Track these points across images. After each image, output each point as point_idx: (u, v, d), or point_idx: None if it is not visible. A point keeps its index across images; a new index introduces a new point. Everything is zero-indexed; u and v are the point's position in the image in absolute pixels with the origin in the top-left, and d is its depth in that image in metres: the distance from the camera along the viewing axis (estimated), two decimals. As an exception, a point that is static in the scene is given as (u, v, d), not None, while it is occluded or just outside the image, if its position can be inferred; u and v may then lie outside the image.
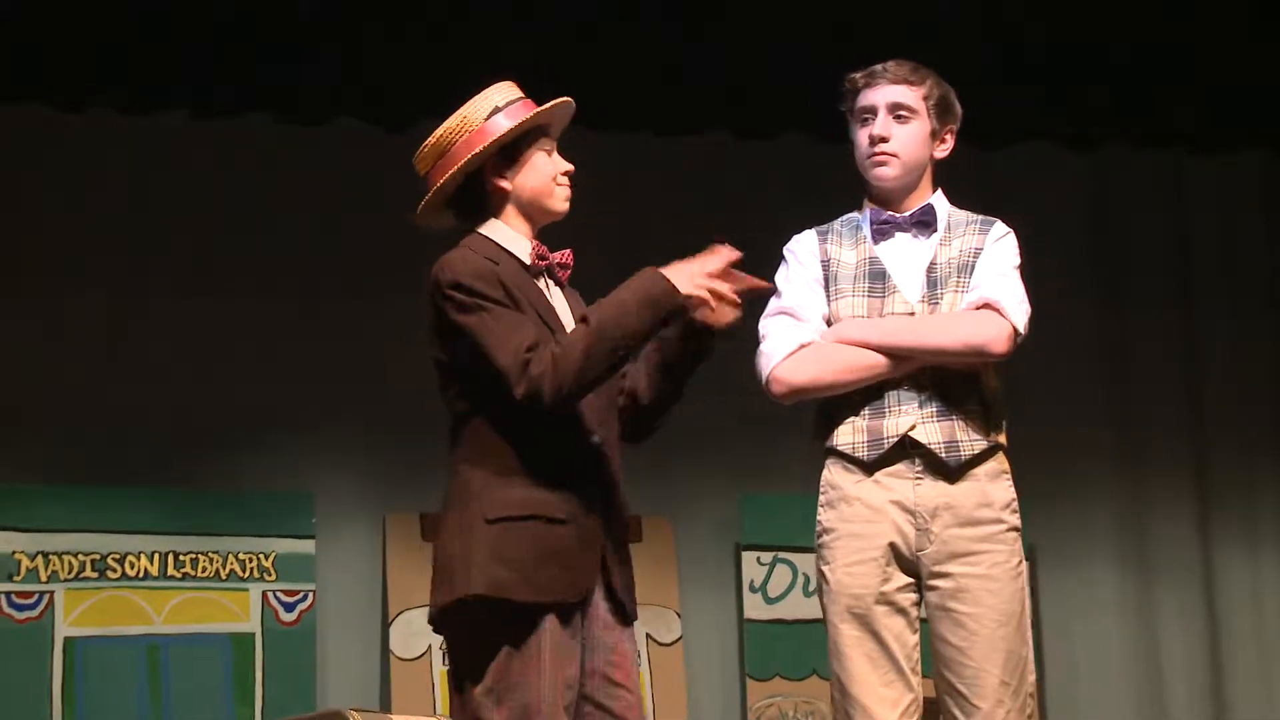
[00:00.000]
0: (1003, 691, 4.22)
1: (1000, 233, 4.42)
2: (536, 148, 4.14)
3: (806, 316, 4.40)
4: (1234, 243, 8.36)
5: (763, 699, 7.54)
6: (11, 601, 7.00)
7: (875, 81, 4.40)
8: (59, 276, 7.30)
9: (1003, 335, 4.27)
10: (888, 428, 4.28)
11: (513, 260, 4.07)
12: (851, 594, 4.28)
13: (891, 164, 4.39)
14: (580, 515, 4.00)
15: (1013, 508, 4.33)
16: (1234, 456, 8.16)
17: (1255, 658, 8.05)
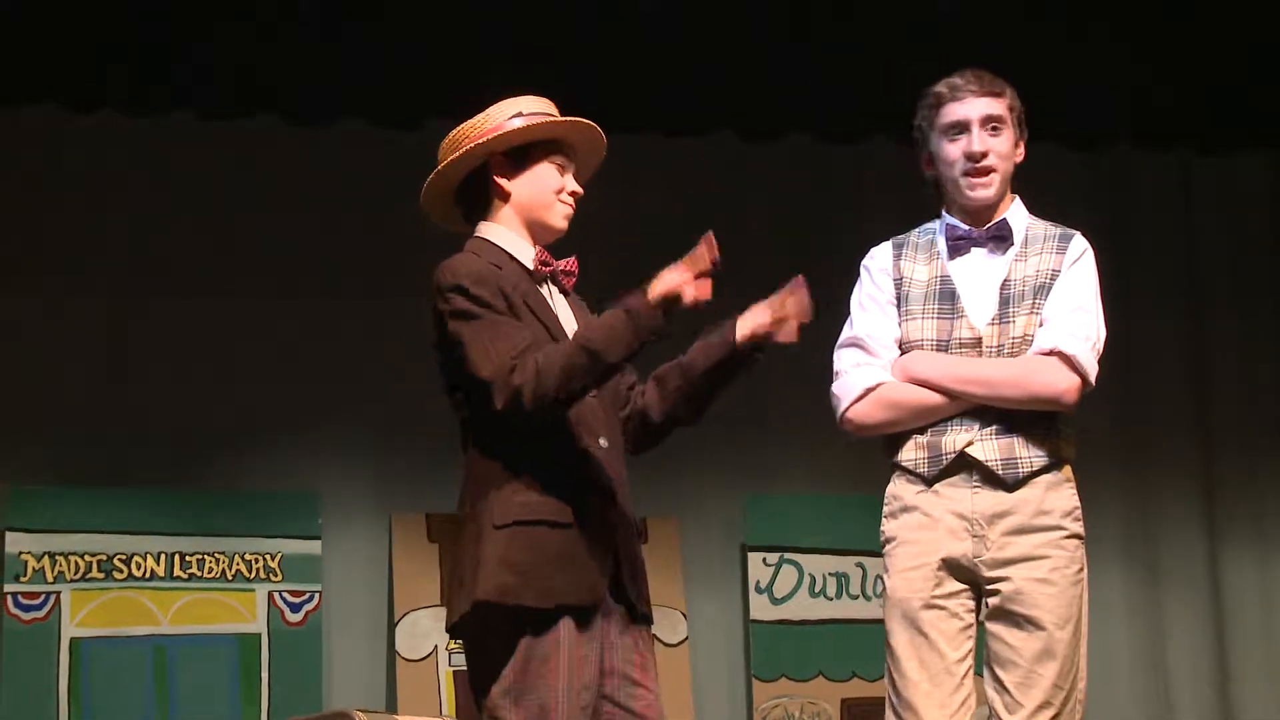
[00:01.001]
0: (1054, 694, 4.23)
1: (1077, 252, 4.40)
2: (548, 160, 4.14)
3: (876, 349, 4.42)
4: (1241, 244, 8.34)
5: (768, 700, 7.53)
6: (18, 602, 7.01)
7: (963, 94, 4.37)
8: (65, 277, 7.30)
9: (1072, 388, 4.29)
10: (946, 444, 4.32)
11: (516, 265, 4.08)
12: (903, 598, 4.31)
13: (991, 181, 4.37)
14: (587, 519, 3.99)
15: (1075, 515, 4.33)
16: (1241, 458, 8.15)
17: (1262, 659, 8.04)
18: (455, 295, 3.96)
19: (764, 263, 7.66)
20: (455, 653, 7.23)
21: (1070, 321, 4.32)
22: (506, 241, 4.11)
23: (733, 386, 4.21)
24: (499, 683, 3.90)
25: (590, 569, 3.97)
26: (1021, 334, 4.33)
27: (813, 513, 7.64)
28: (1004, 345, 4.33)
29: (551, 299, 4.12)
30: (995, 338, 4.34)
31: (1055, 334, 4.31)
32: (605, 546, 4.02)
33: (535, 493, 3.94)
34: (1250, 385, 8.22)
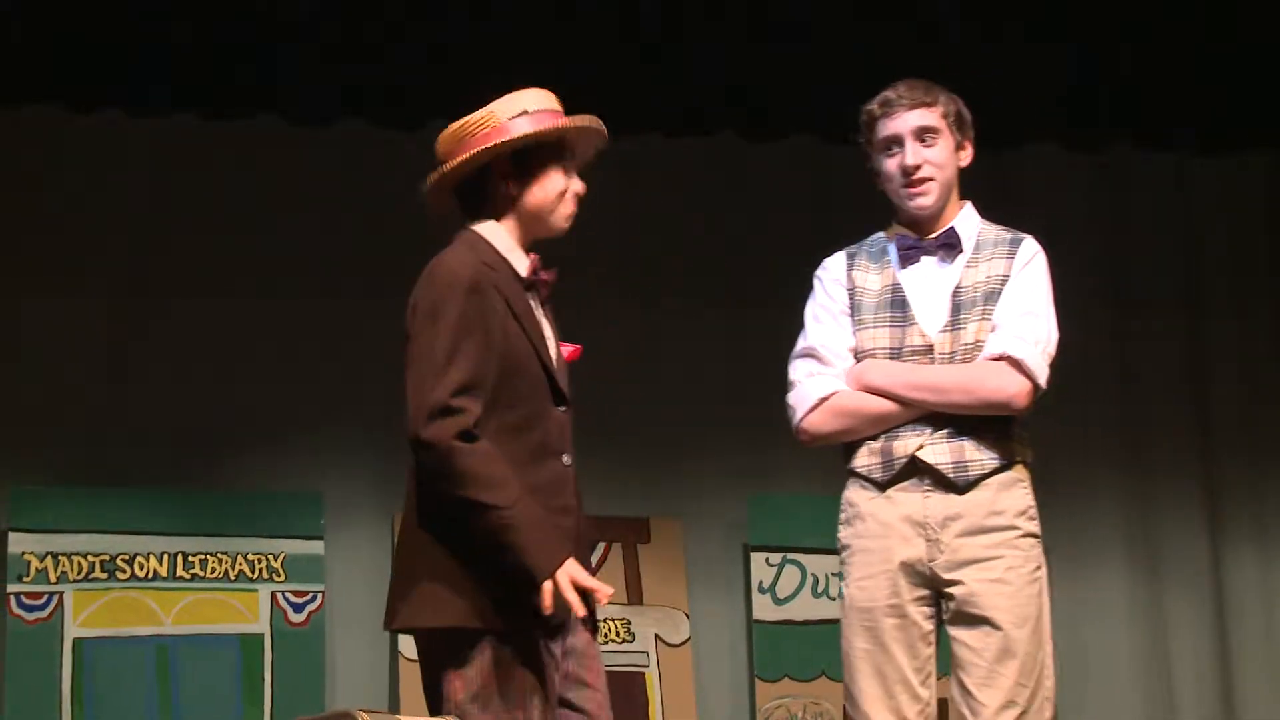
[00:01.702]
0: (1017, 693, 4.26)
1: (1028, 256, 4.45)
2: (553, 162, 4.11)
3: (830, 358, 4.47)
4: (1241, 244, 8.34)
5: (771, 700, 7.54)
6: (21, 602, 7.00)
7: (894, 110, 4.42)
8: (68, 278, 7.31)
9: (1022, 392, 4.34)
10: (897, 449, 4.37)
11: (509, 269, 4.07)
12: (861, 607, 4.36)
13: (929, 190, 4.42)
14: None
15: (1029, 514, 4.37)
16: (1242, 458, 8.15)
17: (1265, 659, 8.03)
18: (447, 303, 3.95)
19: (764, 263, 7.72)
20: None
21: (1020, 326, 4.37)
22: (503, 244, 4.10)
23: None
24: (467, 688, 3.91)
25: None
26: (973, 340, 4.37)
27: (815, 513, 7.59)
28: (956, 352, 4.38)
29: (536, 307, 4.13)
30: (947, 344, 4.38)
31: (1005, 339, 4.35)
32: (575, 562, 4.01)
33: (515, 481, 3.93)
34: (1251, 385, 8.22)
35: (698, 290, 7.79)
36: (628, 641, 7.49)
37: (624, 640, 7.49)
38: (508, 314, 4.00)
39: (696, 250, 7.80)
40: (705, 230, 7.84)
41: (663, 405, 7.65)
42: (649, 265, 7.76)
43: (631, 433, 7.64)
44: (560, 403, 4.10)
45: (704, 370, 7.74)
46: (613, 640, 7.46)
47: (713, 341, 7.75)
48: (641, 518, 7.66)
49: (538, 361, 4.05)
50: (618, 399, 7.62)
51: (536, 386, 4.04)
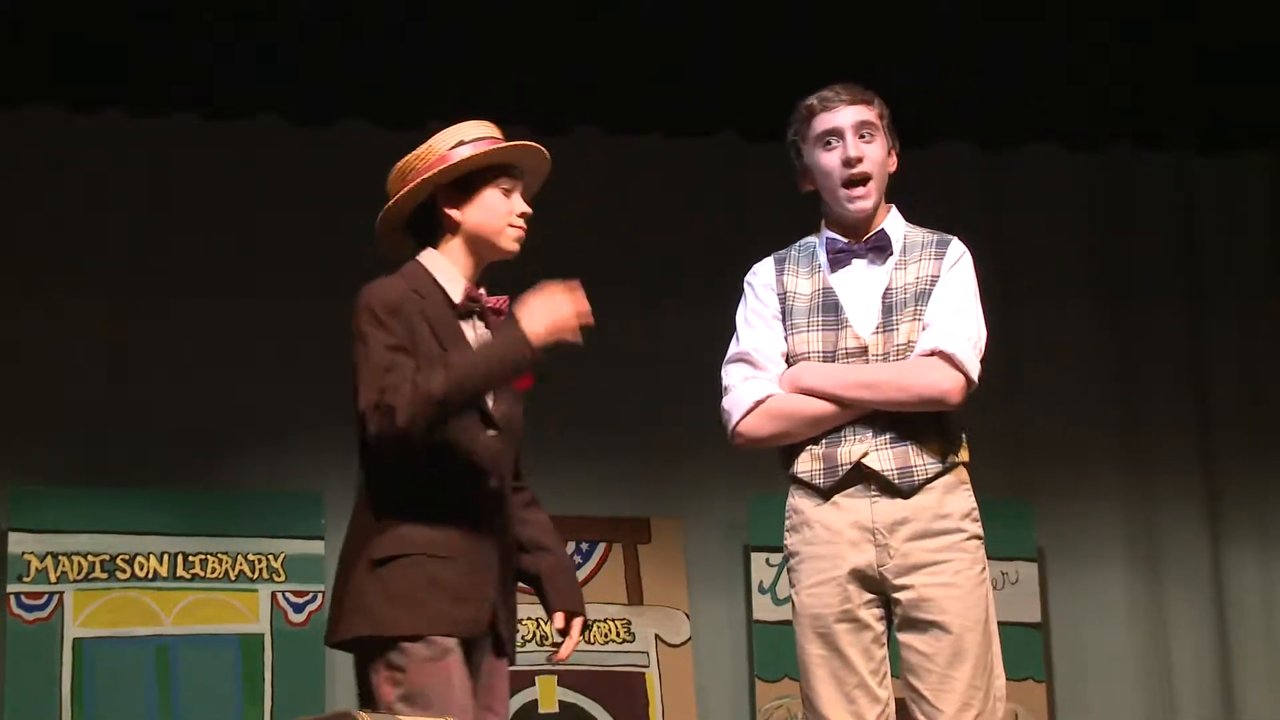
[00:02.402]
0: (971, 695, 4.27)
1: (955, 256, 4.45)
2: (494, 185, 4.20)
3: (764, 362, 4.47)
4: (1240, 243, 8.34)
5: (771, 700, 7.53)
6: (21, 602, 7.00)
7: (833, 104, 4.42)
8: (68, 277, 7.31)
9: (956, 387, 4.33)
10: (842, 455, 4.35)
11: (442, 296, 4.16)
12: (813, 614, 4.34)
13: (869, 192, 4.42)
14: (469, 554, 4.05)
15: (973, 516, 4.38)
16: (1242, 457, 8.15)
17: (1266, 659, 8.03)
18: (366, 322, 4.09)
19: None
20: (456, 653, 7.25)
21: (951, 322, 4.37)
22: (441, 271, 4.20)
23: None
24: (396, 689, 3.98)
25: (469, 600, 4.04)
26: (905, 341, 4.38)
27: (815, 513, 7.63)
28: (889, 353, 4.38)
29: (475, 335, 4.19)
30: (880, 346, 4.38)
31: (936, 335, 4.35)
32: (485, 583, 4.07)
33: (421, 526, 4.02)
34: (1251, 384, 8.22)
35: (698, 290, 7.78)
36: (628, 641, 7.49)
37: (624, 640, 7.49)
38: (431, 339, 4.08)
39: (696, 250, 7.80)
40: (705, 230, 7.84)
41: (663, 405, 7.66)
42: (649, 265, 7.76)
43: (632, 433, 7.65)
44: (490, 427, 4.15)
45: (704, 370, 7.72)
46: (613, 640, 7.47)
47: (713, 341, 7.72)
48: (642, 518, 7.67)
49: None
50: (618, 399, 7.63)
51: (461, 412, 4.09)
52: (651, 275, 7.78)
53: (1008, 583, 7.74)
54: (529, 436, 7.39)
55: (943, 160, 7.74)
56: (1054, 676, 7.80)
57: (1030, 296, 7.97)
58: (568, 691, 7.39)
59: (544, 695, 7.36)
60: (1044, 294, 8.06)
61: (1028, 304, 7.93)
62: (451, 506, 4.05)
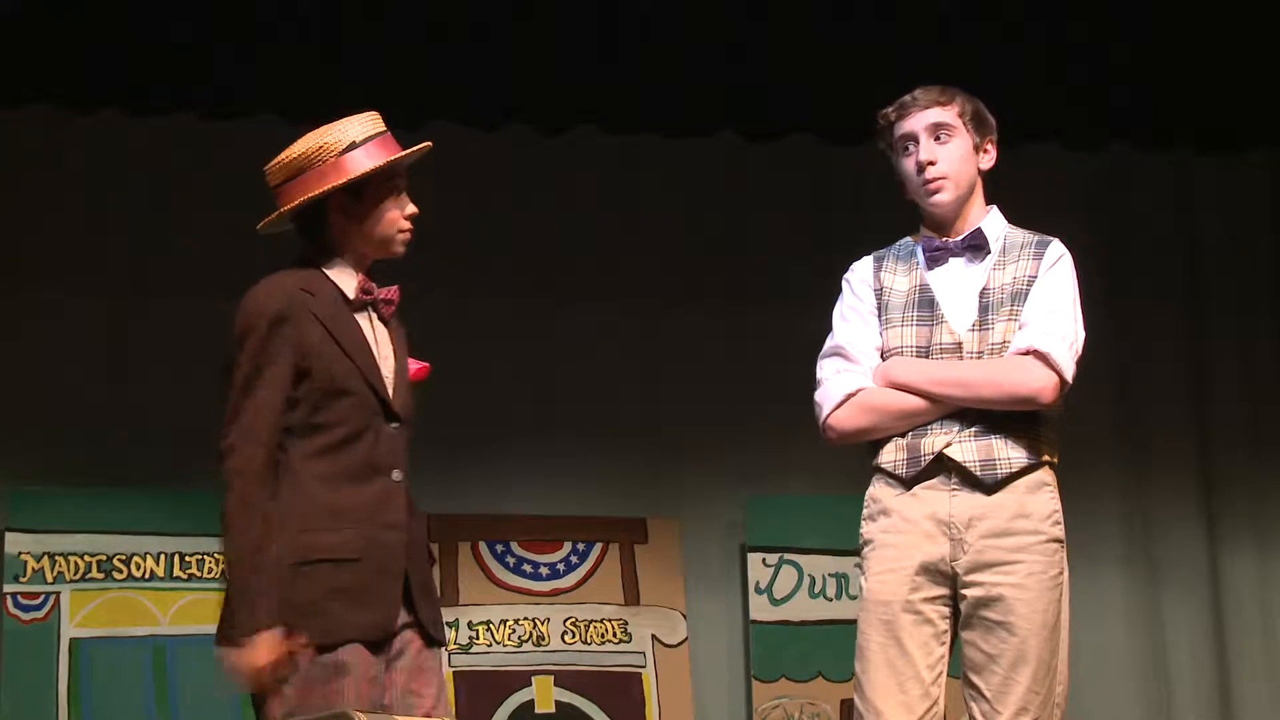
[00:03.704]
0: (1029, 700, 4.26)
1: (1054, 257, 4.44)
2: (388, 189, 4.17)
3: (857, 356, 4.46)
4: (1241, 243, 8.34)
5: (768, 700, 7.53)
6: (18, 602, 7.00)
7: (908, 110, 4.45)
8: (65, 277, 7.30)
9: (1049, 386, 4.33)
10: (925, 445, 4.35)
11: (334, 291, 4.15)
12: (880, 600, 4.33)
13: (945, 187, 4.43)
14: (376, 554, 4.02)
15: (1054, 519, 4.38)
16: (1240, 458, 8.14)
17: (1262, 660, 8.02)
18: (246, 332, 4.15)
19: (763, 263, 7.73)
20: (454, 653, 7.24)
21: (1047, 322, 4.36)
22: (334, 269, 4.19)
23: None
24: (281, 704, 3.94)
25: (375, 605, 4.00)
26: (1001, 340, 4.37)
27: (813, 513, 7.64)
28: (984, 351, 4.37)
29: (372, 326, 4.17)
30: (975, 344, 4.38)
31: (1032, 334, 4.35)
32: (394, 578, 4.03)
33: (321, 531, 3.99)
34: (1250, 384, 8.21)
35: (695, 290, 7.79)
36: (624, 642, 7.49)
37: (621, 640, 7.49)
38: (325, 338, 4.06)
39: (695, 250, 7.80)
40: (704, 230, 7.84)
41: (660, 405, 7.66)
42: (647, 265, 7.76)
43: (629, 433, 7.65)
44: (392, 420, 4.11)
45: (702, 370, 7.74)
46: (610, 640, 7.47)
47: (711, 342, 7.75)
48: (639, 518, 7.66)
49: (362, 381, 4.07)
50: (616, 399, 7.63)
51: (360, 406, 4.07)
52: (649, 276, 7.78)
53: (1005, 583, 7.73)
54: (528, 436, 7.45)
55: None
56: (1051, 677, 7.80)
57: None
58: (564, 692, 7.38)
59: (540, 695, 7.36)
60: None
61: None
62: (354, 505, 4.01)
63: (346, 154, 4.16)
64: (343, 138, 4.18)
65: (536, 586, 7.46)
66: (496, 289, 7.57)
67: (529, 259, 7.65)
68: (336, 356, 4.06)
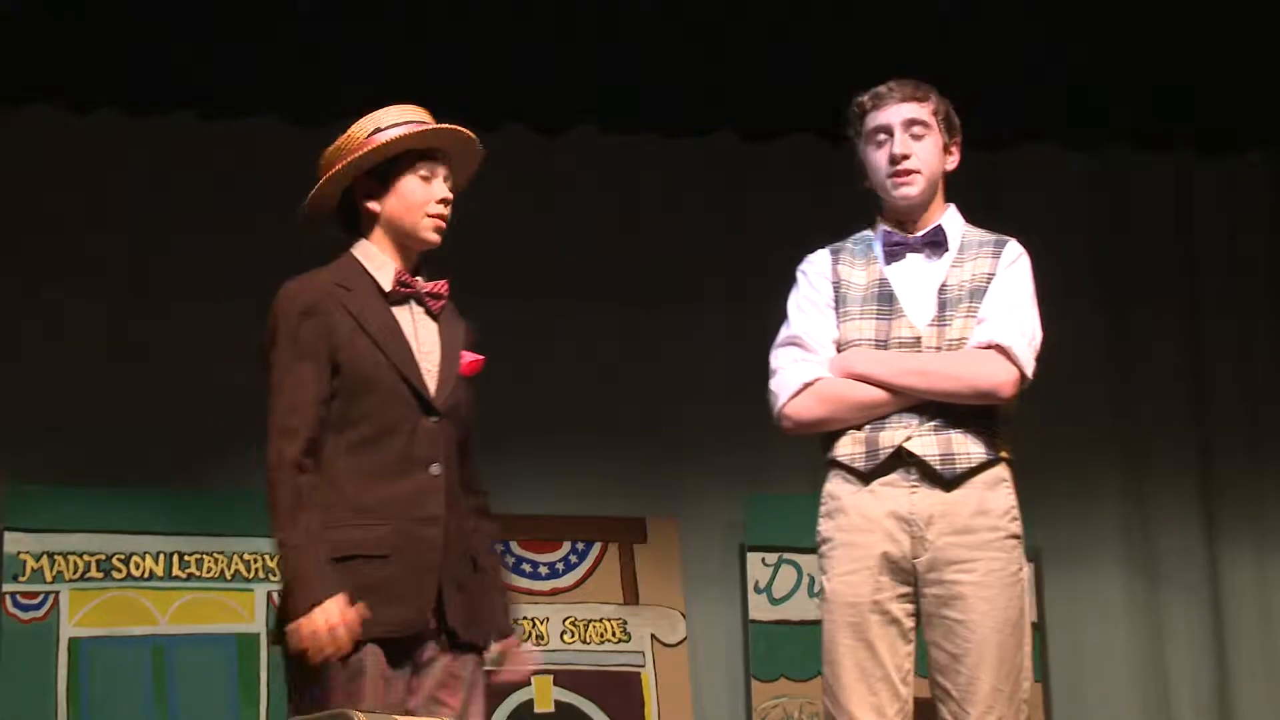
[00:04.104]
0: (995, 698, 4.26)
1: (1012, 256, 4.46)
2: (412, 172, 4.15)
3: (815, 346, 4.46)
4: (1240, 244, 8.34)
5: (768, 700, 7.54)
6: (17, 602, 7.01)
7: (884, 102, 4.45)
8: (65, 277, 7.31)
9: (1010, 380, 4.34)
10: (884, 439, 4.34)
11: (371, 284, 4.12)
12: (846, 602, 4.33)
13: (915, 181, 4.44)
14: (408, 548, 4.00)
15: (1012, 515, 4.37)
16: (1240, 459, 8.15)
17: (1262, 662, 8.03)
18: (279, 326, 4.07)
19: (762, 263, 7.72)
20: (453, 654, 7.25)
21: (1007, 318, 4.38)
22: (372, 260, 4.15)
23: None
24: (305, 701, 3.94)
25: (405, 601, 3.99)
26: (959, 335, 4.38)
27: (812, 513, 7.60)
28: (941, 346, 4.39)
29: (413, 319, 4.15)
30: (933, 339, 4.39)
31: (992, 329, 4.36)
32: (425, 577, 4.01)
33: (351, 528, 3.97)
34: (1249, 385, 8.22)
35: (694, 290, 7.79)
36: (624, 641, 7.49)
37: (620, 640, 7.49)
38: (356, 331, 4.04)
39: (694, 250, 7.80)
40: (703, 231, 7.84)
41: (659, 405, 7.66)
42: (646, 265, 7.77)
43: (628, 433, 7.65)
44: (431, 414, 4.09)
45: (701, 370, 7.75)
46: (609, 640, 7.47)
47: (709, 341, 7.76)
48: (638, 518, 7.67)
49: (394, 374, 4.05)
50: (615, 399, 7.63)
51: (393, 400, 4.05)
52: (649, 276, 7.78)
53: (1004, 584, 7.74)
54: (528, 436, 7.46)
55: (940, 161, 7.76)
56: (1050, 678, 7.80)
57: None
58: (563, 691, 7.39)
59: (539, 695, 7.36)
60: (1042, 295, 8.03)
61: (1025, 305, 7.93)
62: (387, 501, 3.99)
63: (371, 137, 4.14)
64: (368, 125, 4.17)
65: (536, 586, 7.46)
66: (496, 289, 7.57)
67: (529, 259, 7.66)
68: (366, 349, 4.04)
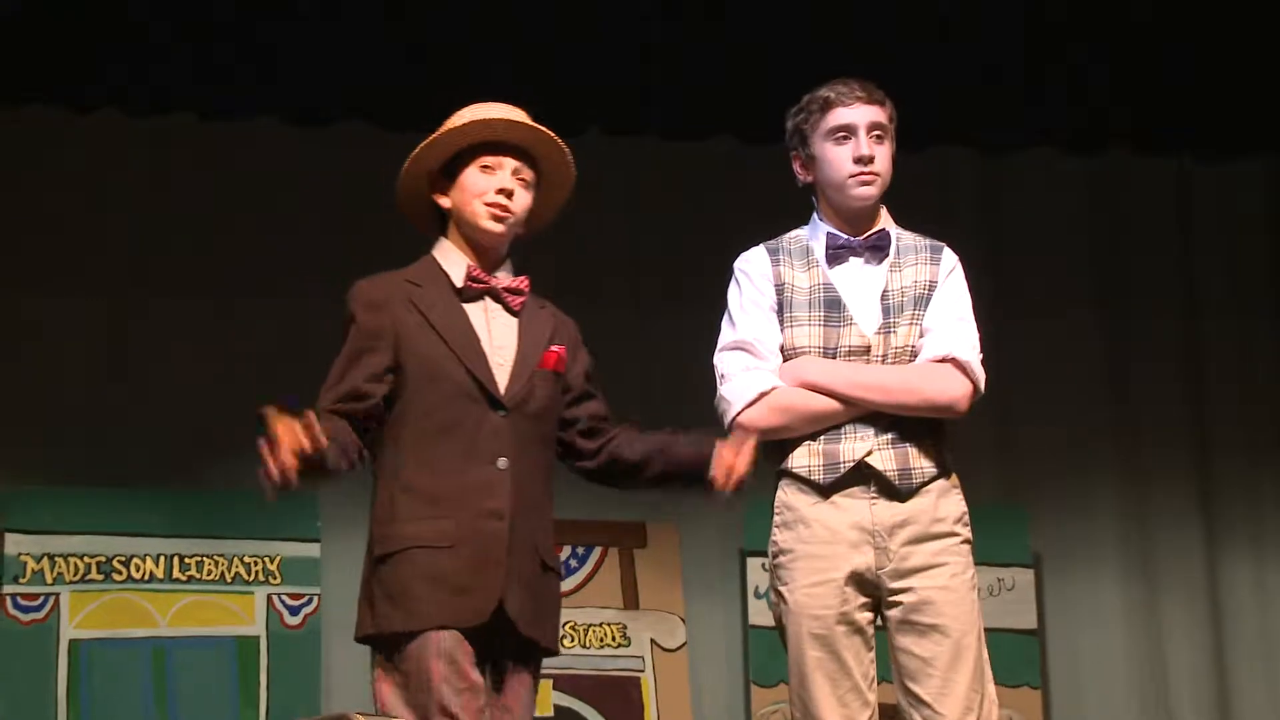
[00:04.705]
0: (971, 699, 4.27)
1: (950, 264, 4.47)
2: (475, 164, 4.17)
3: (764, 352, 4.45)
4: (1237, 247, 8.34)
5: (767, 705, 7.53)
6: (17, 603, 7.00)
7: (849, 100, 4.42)
8: (65, 277, 7.31)
9: (966, 394, 4.36)
10: (844, 452, 4.34)
11: (444, 281, 4.16)
12: (812, 614, 4.32)
13: (875, 184, 4.43)
14: (473, 540, 4.01)
15: (964, 521, 4.39)
16: (1238, 463, 8.15)
17: (1261, 664, 8.02)
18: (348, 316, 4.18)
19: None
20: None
21: (956, 330, 4.39)
22: (447, 258, 4.20)
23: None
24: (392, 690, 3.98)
25: (470, 593, 3.99)
26: (904, 344, 4.39)
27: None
28: (889, 354, 4.38)
29: (487, 316, 4.17)
30: (881, 346, 4.38)
31: (946, 342, 4.37)
32: (490, 570, 4.02)
33: (418, 520, 3.99)
34: (1247, 390, 8.22)
35: (693, 293, 7.78)
36: (623, 646, 7.49)
37: (620, 645, 7.49)
38: (423, 325, 4.08)
39: (693, 253, 7.80)
40: (703, 233, 7.84)
41: (658, 408, 7.63)
42: (646, 268, 7.77)
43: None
44: (498, 408, 4.09)
45: (699, 373, 7.73)
46: (608, 645, 7.46)
47: (707, 344, 7.73)
48: (638, 522, 7.66)
49: (460, 367, 4.07)
50: (614, 402, 7.61)
51: (458, 394, 4.07)
52: (648, 277, 7.78)
53: (1003, 589, 7.73)
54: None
55: (940, 164, 7.76)
56: (1049, 683, 7.79)
57: (1026, 301, 7.96)
58: (563, 695, 7.38)
59: (539, 699, 7.35)
60: (1040, 298, 8.06)
61: (1024, 308, 7.93)
62: (451, 493, 4.01)
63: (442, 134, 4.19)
64: (449, 124, 4.21)
65: (536, 589, 7.46)
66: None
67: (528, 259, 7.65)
68: (432, 343, 4.07)
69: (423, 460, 4.03)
